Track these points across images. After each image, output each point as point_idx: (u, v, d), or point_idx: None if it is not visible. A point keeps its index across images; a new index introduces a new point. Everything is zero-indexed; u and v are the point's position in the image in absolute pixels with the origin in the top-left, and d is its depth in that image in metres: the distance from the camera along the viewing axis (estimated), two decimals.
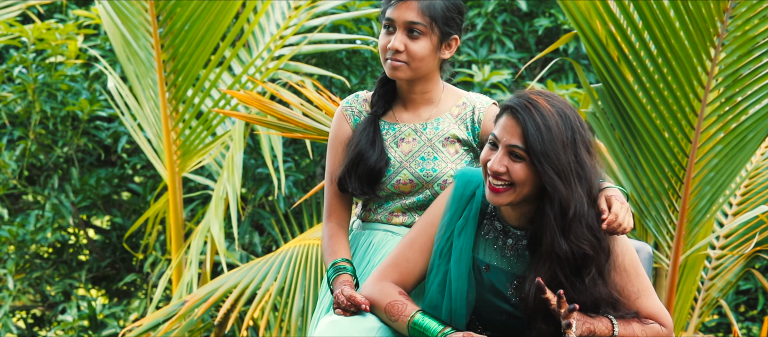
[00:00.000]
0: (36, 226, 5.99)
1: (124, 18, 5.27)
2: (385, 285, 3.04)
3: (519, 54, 6.50)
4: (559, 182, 2.83)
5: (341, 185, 3.24)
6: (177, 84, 5.22)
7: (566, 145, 2.84)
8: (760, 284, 6.03)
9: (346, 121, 3.30)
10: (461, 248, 3.00)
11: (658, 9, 3.98)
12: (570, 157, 2.84)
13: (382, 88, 3.29)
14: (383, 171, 3.21)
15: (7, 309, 5.99)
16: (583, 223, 2.86)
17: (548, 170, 2.82)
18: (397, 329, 3.02)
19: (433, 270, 3.03)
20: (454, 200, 3.04)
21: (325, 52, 5.97)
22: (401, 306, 2.99)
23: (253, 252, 6.00)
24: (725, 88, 4.12)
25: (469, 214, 3.02)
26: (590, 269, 2.89)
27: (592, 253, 2.87)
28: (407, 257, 3.05)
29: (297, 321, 4.63)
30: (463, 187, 3.05)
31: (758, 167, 4.84)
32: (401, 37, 3.17)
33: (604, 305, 2.94)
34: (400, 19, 3.17)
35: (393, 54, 3.17)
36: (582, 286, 2.90)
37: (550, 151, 2.82)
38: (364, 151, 3.20)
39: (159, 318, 4.78)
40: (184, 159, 5.34)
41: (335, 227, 3.27)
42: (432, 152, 3.23)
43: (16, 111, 5.91)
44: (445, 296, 3.00)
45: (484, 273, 3.01)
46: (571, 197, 2.84)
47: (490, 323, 3.05)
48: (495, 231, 3.04)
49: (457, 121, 3.27)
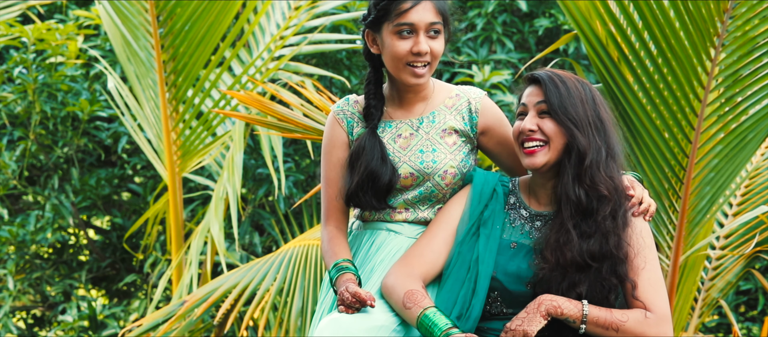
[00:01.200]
0: (36, 226, 5.99)
1: (124, 18, 5.27)
2: (409, 273, 3.10)
3: (519, 54, 6.50)
4: (576, 132, 3.04)
5: (352, 201, 3.24)
6: (177, 84, 5.22)
7: (585, 102, 3.09)
8: (760, 284, 6.03)
9: (339, 126, 3.29)
10: (488, 234, 3.12)
11: (658, 9, 3.98)
12: (589, 112, 3.07)
13: (375, 99, 3.27)
14: (396, 182, 3.21)
15: (7, 309, 5.99)
16: (601, 171, 3.04)
17: (566, 121, 3.05)
18: (406, 318, 3.06)
19: (454, 257, 3.12)
20: (475, 196, 3.17)
21: (325, 53, 5.97)
22: (419, 297, 3.04)
23: (253, 252, 6.00)
24: (725, 89, 4.12)
25: (495, 206, 3.15)
26: (605, 209, 3.03)
27: (608, 194, 3.03)
28: (431, 247, 3.15)
29: (297, 321, 4.63)
30: (482, 183, 3.19)
31: (758, 167, 4.84)
32: (426, 40, 3.16)
33: (610, 258, 3.01)
34: (422, 22, 3.14)
35: (418, 57, 3.15)
36: (593, 227, 3.02)
37: (567, 104, 3.06)
38: (377, 168, 3.19)
39: (159, 318, 4.78)
40: (184, 159, 5.34)
41: (334, 230, 3.27)
42: (430, 145, 3.23)
43: (16, 111, 5.91)
44: (467, 275, 3.08)
45: (512, 249, 3.11)
46: (588, 146, 3.04)
47: (513, 297, 3.09)
48: (522, 219, 3.16)
49: (453, 112, 3.27)
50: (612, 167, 3.07)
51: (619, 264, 3.02)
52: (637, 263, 3.05)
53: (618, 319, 3.00)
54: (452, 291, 3.08)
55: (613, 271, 3.02)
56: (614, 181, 3.06)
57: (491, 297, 3.11)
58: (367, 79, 3.29)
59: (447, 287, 3.10)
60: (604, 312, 3.00)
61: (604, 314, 3.00)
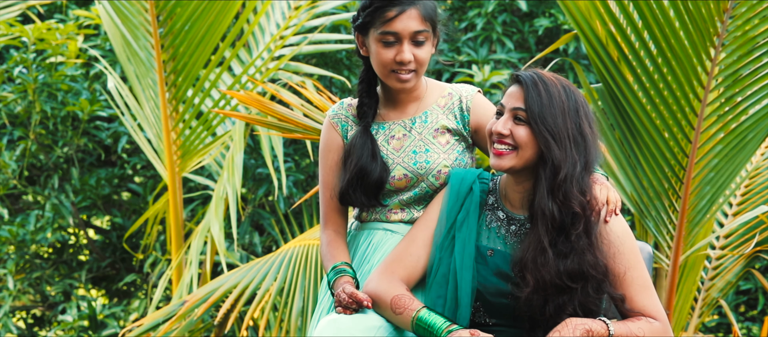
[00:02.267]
0: (36, 226, 5.99)
1: (124, 18, 5.27)
2: (390, 279, 3.07)
3: (519, 54, 6.49)
4: (553, 143, 2.94)
5: (343, 199, 3.25)
6: (177, 84, 5.22)
7: (566, 113, 2.97)
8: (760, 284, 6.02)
9: (334, 130, 3.30)
10: (464, 240, 3.06)
11: (658, 9, 3.98)
12: (569, 124, 2.96)
13: (368, 97, 3.27)
14: (386, 180, 3.21)
15: (7, 309, 5.99)
16: (574, 186, 2.95)
17: (543, 131, 2.95)
18: (399, 324, 3.04)
19: (434, 263, 3.08)
20: (451, 196, 3.11)
21: (325, 53, 5.97)
22: (407, 300, 3.02)
23: (253, 252, 5.99)
24: (725, 89, 4.12)
25: (469, 207, 3.09)
26: (578, 227, 2.95)
27: (580, 211, 2.94)
28: (410, 251, 3.11)
29: (297, 321, 4.63)
30: (458, 183, 3.13)
31: (758, 167, 4.84)
32: (409, 48, 3.15)
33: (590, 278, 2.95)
34: (406, 31, 3.14)
35: (401, 65, 3.16)
36: (568, 247, 2.95)
37: (547, 114, 2.96)
38: (366, 165, 3.19)
39: (159, 318, 4.78)
40: (184, 159, 5.34)
41: (333, 233, 3.27)
42: (423, 145, 3.24)
43: (16, 111, 5.91)
44: (448, 287, 3.04)
45: (489, 258, 3.07)
46: (564, 160, 2.94)
47: (495, 309, 3.07)
48: (498, 220, 3.11)
49: (445, 112, 3.27)
50: (586, 182, 2.98)
51: (602, 282, 2.97)
52: (620, 271, 3.00)
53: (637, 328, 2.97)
54: (436, 304, 3.06)
55: (597, 289, 2.97)
56: (587, 196, 2.97)
57: (474, 307, 3.08)
58: (360, 77, 3.29)
59: (430, 299, 3.07)
60: (622, 326, 2.96)
61: (622, 327, 2.96)
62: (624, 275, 3.00)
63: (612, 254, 3.00)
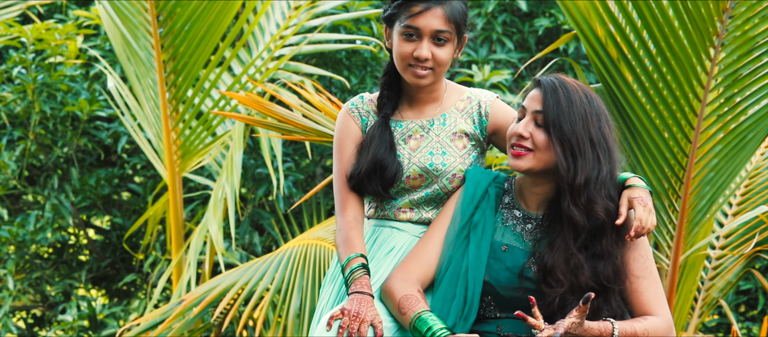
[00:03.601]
0: (36, 226, 5.99)
1: (124, 18, 5.27)
2: (405, 278, 3.10)
3: (519, 54, 6.49)
4: (568, 149, 2.99)
5: (358, 187, 3.24)
6: (177, 84, 5.22)
7: (586, 118, 3.01)
8: (760, 284, 6.02)
9: (353, 122, 3.29)
10: (479, 240, 3.10)
11: (658, 9, 3.97)
12: (592, 131, 3.00)
13: (389, 90, 3.28)
14: (400, 175, 3.22)
15: (7, 309, 5.99)
16: (599, 191, 2.98)
17: (559, 135, 3.00)
18: (402, 323, 3.07)
19: (445, 261, 3.11)
20: (467, 197, 3.15)
21: (324, 53, 5.97)
22: (414, 301, 3.05)
23: (253, 252, 5.99)
24: (725, 88, 4.11)
25: (486, 208, 3.13)
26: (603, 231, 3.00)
27: (603, 217, 2.98)
28: (427, 249, 3.15)
29: (295, 320, 4.63)
30: (474, 185, 3.17)
31: (758, 167, 4.84)
32: (429, 45, 3.16)
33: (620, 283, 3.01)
34: (427, 28, 3.16)
35: (418, 61, 3.17)
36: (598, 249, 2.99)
37: (564, 120, 3.00)
38: (383, 157, 3.19)
39: (157, 317, 4.77)
40: (184, 159, 5.33)
41: (352, 220, 3.22)
42: (440, 148, 3.24)
43: (15, 111, 5.91)
44: (458, 284, 3.07)
45: (502, 253, 3.10)
46: (583, 165, 2.98)
47: (506, 302, 3.09)
48: (514, 219, 3.15)
49: (464, 116, 3.28)
50: (610, 188, 3.02)
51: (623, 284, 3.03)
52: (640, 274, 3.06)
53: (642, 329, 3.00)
54: (445, 301, 3.08)
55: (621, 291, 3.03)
56: (614, 202, 3.02)
57: (485, 301, 3.11)
58: (384, 69, 3.30)
59: (439, 296, 3.09)
60: (628, 325, 3.00)
61: (627, 326, 3.00)
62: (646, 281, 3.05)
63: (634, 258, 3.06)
